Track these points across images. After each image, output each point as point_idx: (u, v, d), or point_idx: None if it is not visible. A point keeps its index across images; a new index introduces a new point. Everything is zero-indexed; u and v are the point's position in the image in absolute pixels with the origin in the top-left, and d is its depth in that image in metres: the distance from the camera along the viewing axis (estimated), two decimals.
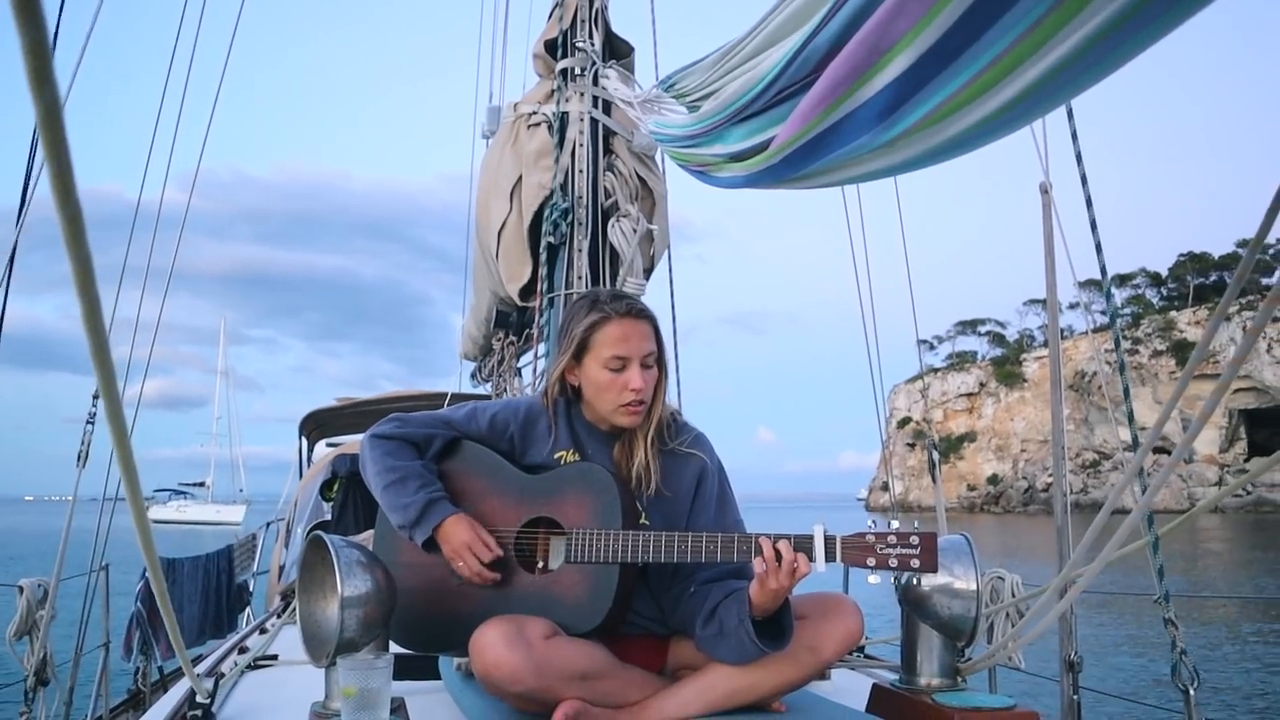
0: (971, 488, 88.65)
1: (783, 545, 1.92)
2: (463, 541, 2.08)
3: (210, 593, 6.82)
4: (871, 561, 1.92)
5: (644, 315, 2.20)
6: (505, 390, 5.14)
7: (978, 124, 1.27)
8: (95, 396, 3.82)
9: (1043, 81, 1.15)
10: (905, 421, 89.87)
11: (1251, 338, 1.54)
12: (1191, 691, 2.39)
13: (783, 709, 2.09)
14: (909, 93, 1.27)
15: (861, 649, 3.35)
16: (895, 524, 1.96)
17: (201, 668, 3.12)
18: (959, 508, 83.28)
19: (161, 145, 4.42)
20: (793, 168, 1.61)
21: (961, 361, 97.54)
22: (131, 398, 4.29)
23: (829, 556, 1.93)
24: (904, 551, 1.92)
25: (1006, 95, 1.19)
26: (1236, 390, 74.48)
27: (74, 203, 0.78)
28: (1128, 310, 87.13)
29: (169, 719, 2.34)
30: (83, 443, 3.88)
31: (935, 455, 4.59)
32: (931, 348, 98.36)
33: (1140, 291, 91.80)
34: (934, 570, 1.93)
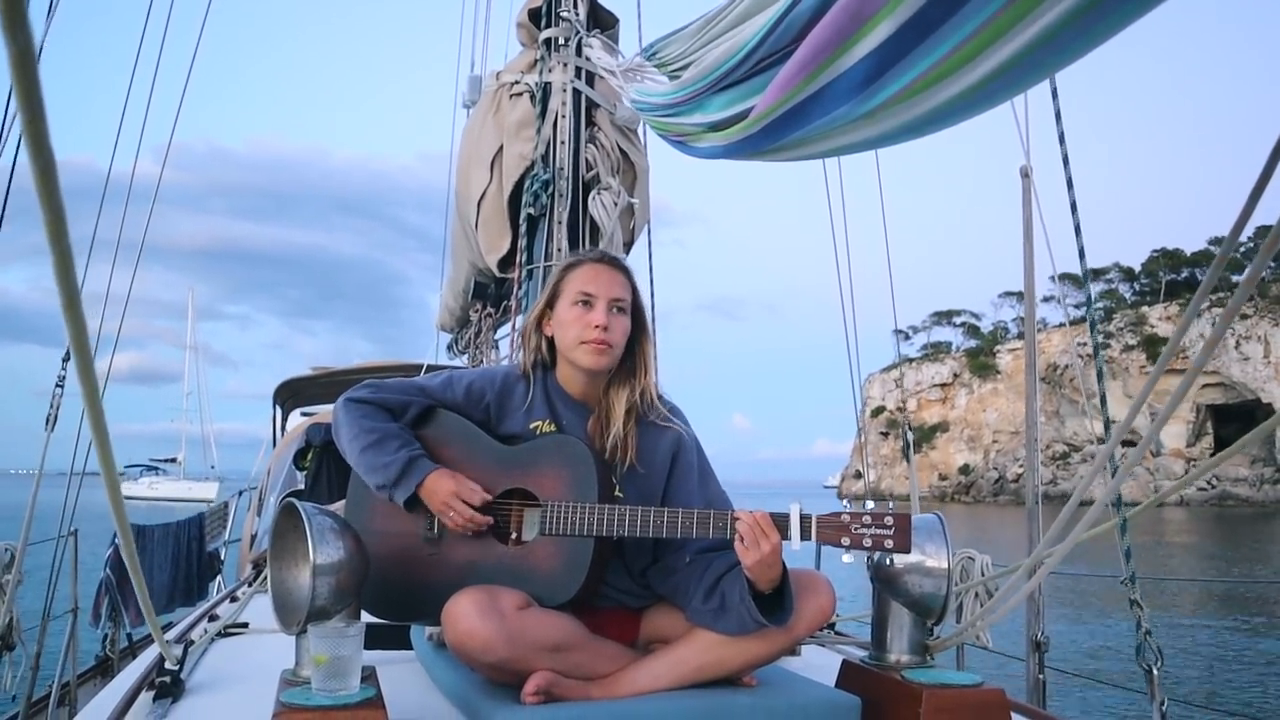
0: (943, 477, 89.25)
1: (743, 514, 1.94)
2: (450, 491, 2.08)
3: (180, 560, 6.78)
4: (846, 541, 1.94)
5: (617, 264, 2.23)
6: (482, 362, 5.12)
7: (958, 97, 1.26)
8: (65, 358, 3.77)
9: (1025, 54, 1.15)
10: (879, 411, 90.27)
11: (1214, 340, 1.56)
12: (1155, 671, 2.42)
13: (753, 683, 2.10)
14: (889, 63, 1.26)
15: (832, 626, 3.38)
16: (870, 504, 1.98)
17: (171, 635, 3.11)
18: (930, 496, 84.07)
19: (134, 116, 4.35)
20: (771, 138, 1.60)
21: (936, 352, 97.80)
22: (101, 372, 4.23)
23: (804, 535, 1.95)
24: (878, 532, 1.93)
25: (988, 67, 1.19)
26: (1204, 386, 75.40)
27: (53, 181, 0.77)
28: (1101, 304, 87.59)
29: (137, 685, 2.32)
30: (52, 406, 3.84)
31: (909, 436, 4.62)
32: (907, 338, 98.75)
33: (1113, 286, 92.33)
34: (907, 550, 1.96)
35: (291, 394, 8.42)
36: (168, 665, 2.31)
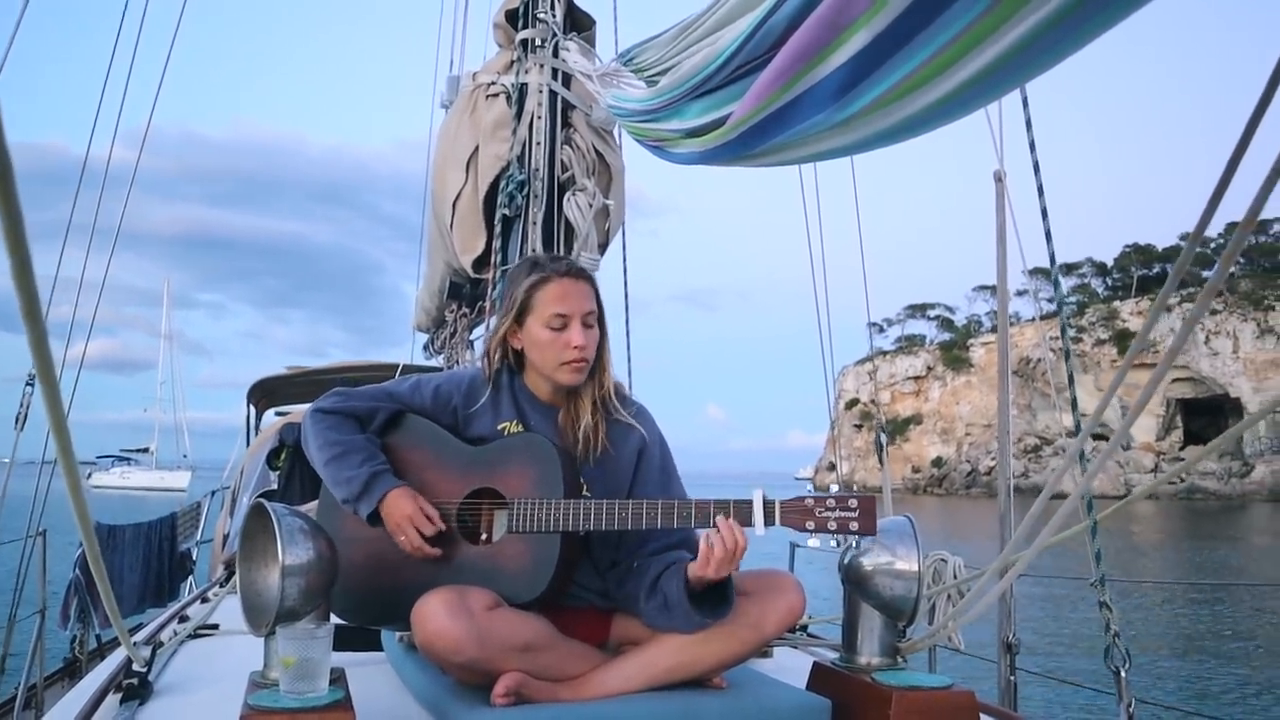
0: (916, 470, 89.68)
1: (725, 530, 1.93)
2: (405, 515, 2.08)
3: (152, 560, 6.73)
4: (811, 525, 1.94)
5: (583, 275, 2.21)
6: (457, 362, 5.10)
7: (933, 105, 1.27)
8: None
9: (998, 64, 1.16)
10: (853, 403, 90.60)
11: (1186, 330, 1.58)
12: (1123, 672, 2.45)
13: (724, 685, 2.11)
14: (864, 72, 1.27)
15: (804, 627, 3.38)
16: (834, 488, 1.98)
17: (140, 636, 3.08)
18: (903, 489, 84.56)
19: (110, 101, 4.31)
20: (748, 144, 1.61)
21: (910, 345, 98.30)
22: (73, 359, 4.21)
23: (768, 521, 1.95)
24: (843, 515, 1.93)
25: (961, 77, 1.20)
26: (1174, 380, 76.43)
27: (3, 158, 0.75)
28: (1073, 299, 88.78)
29: (105, 688, 2.30)
30: (21, 404, 3.80)
31: (882, 438, 4.64)
32: (881, 330, 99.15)
33: (1086, 281, 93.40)
34: (872, 533, 1.95)
35: (266, 393, 8.37)
36: (136, 667, 2.29)
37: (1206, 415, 73.80)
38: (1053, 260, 2.77)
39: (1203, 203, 1.28)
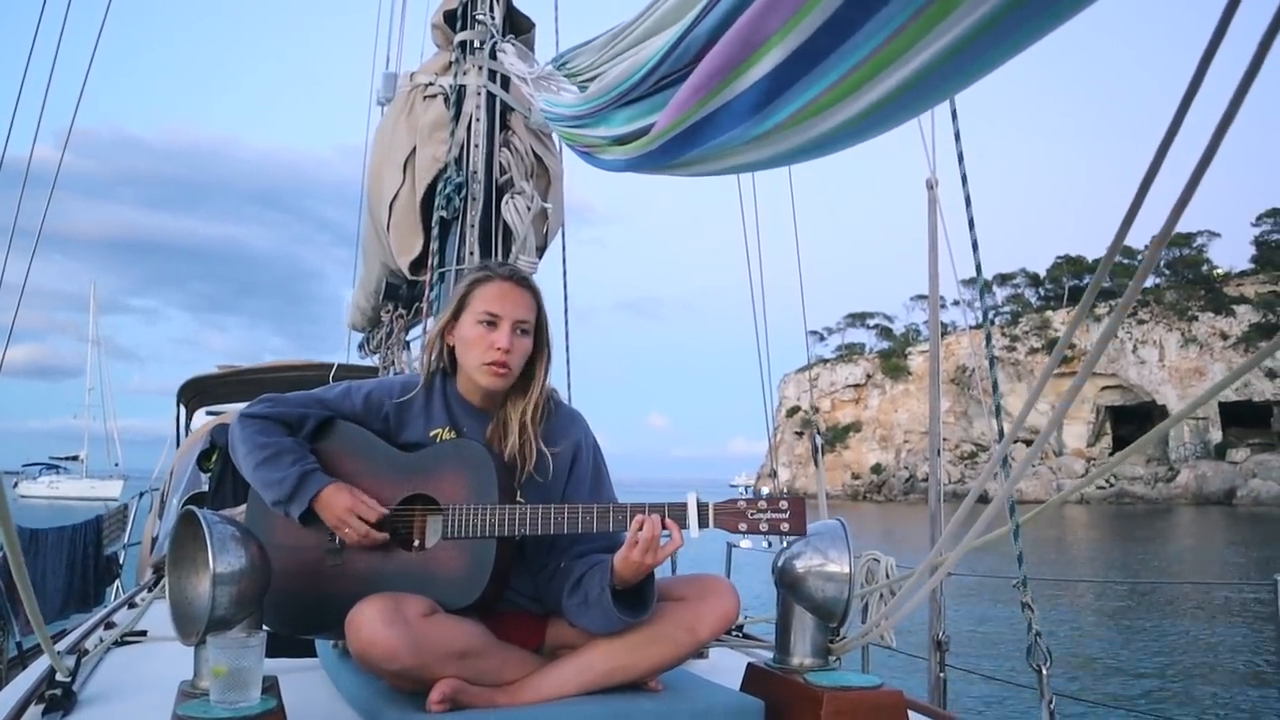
0: (856, 476, 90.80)
1: (649, 524, 1.96)
2: (345, 507, 2.07)
3: (76, 564, 6.57)
4: (743, 527, 1.99)
5: (526, 284, 2.23)
6: (393, 363, 5.07)
7: (850, 120, 1.31)
8: None
9: (912, 82, 1.19)
10: (794, 410, 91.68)
11: (1105, 338, 1.62)
12: (1044, 671, 2.52)
13: (659, 688, 2.12)
14: (780, 88, 1.30)
15: (741, 628, 3.42)
16: (766, 490, 2.03)
17: (64, 644, 3.01)
18: (843, 496, 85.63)
19: (34, 97, 4.18)
20: (670, 155, 1.65)
21: (850, 353, 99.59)
22: None
23: (702, 523, 1.99)
24: (774, 516, 1.99)
25: (876, 94, 1.23)
26: (1104, 388, 78.71)
27: None
28: (1008, 308, 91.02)
29: (25, 698, 2.24)
30: None
31: (818, 442, 4.71)
32: (822, 339, 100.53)
33: (1020, 291, 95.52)
34: (803, 532, 2.01)
35: (197, 392, 8.23)
36: (58, 676, 2.23)
37: (1134, 422, 75.91)
38: (979, 271, 2.84)
39: (1136, 217, 1.32)
